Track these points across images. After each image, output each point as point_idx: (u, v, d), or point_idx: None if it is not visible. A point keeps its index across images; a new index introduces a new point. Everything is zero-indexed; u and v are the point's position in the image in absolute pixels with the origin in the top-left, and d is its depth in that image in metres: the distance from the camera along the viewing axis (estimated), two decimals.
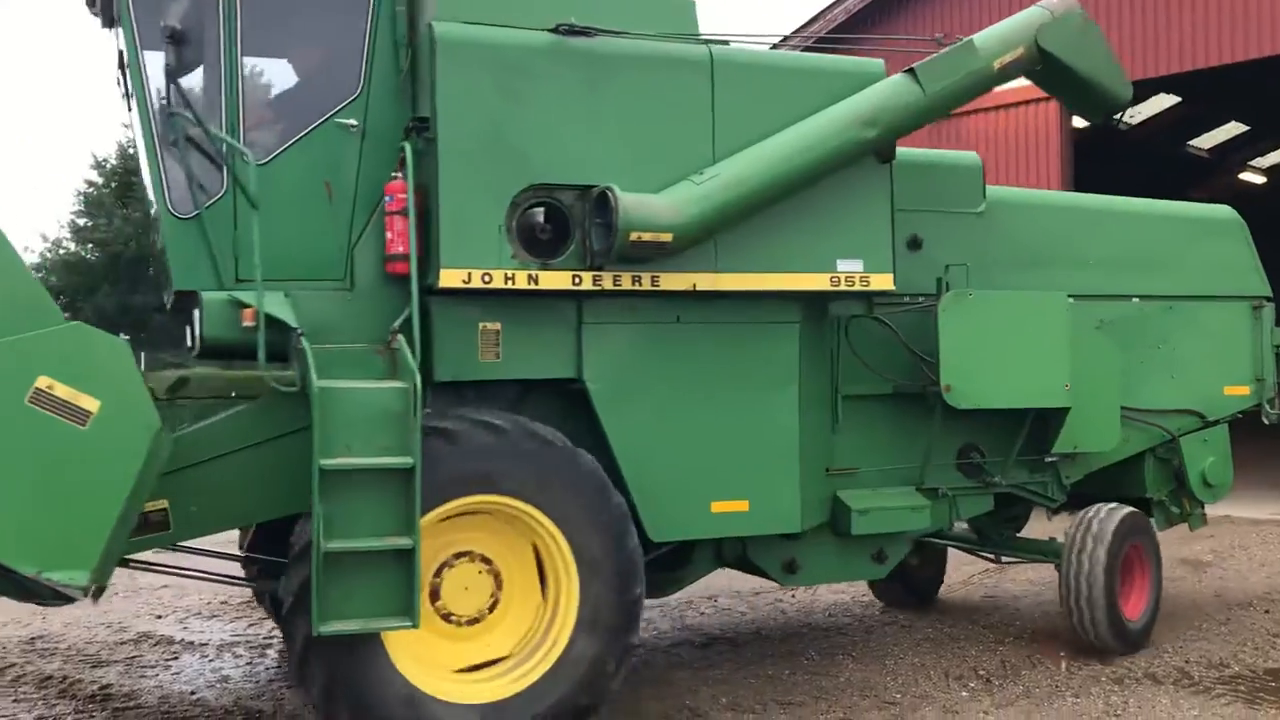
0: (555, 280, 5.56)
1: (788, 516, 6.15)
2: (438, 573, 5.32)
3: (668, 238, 5.49)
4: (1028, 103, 15.34)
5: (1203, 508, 8.07)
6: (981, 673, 6.82)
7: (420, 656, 5.23)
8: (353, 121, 5.60)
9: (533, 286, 5.51)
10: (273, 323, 5.21)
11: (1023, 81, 7.09)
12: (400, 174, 5.42)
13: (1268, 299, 8.18)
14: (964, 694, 6.42)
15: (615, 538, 5.44)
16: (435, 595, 5.32)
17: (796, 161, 5.80)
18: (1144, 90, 19.42)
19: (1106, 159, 19.74)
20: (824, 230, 6.03)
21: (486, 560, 5.43)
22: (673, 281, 5.74)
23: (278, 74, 6.03)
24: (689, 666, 7.11)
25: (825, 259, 6.02)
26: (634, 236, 5.37)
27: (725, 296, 5.92)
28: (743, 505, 6.02)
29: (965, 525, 7.78)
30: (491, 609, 5.44)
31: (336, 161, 5.62)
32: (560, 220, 5.58)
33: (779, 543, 6.51)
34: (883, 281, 6.16)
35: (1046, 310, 6.74)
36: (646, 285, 5.69)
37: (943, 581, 8.91)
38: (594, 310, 5.81)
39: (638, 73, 5.72)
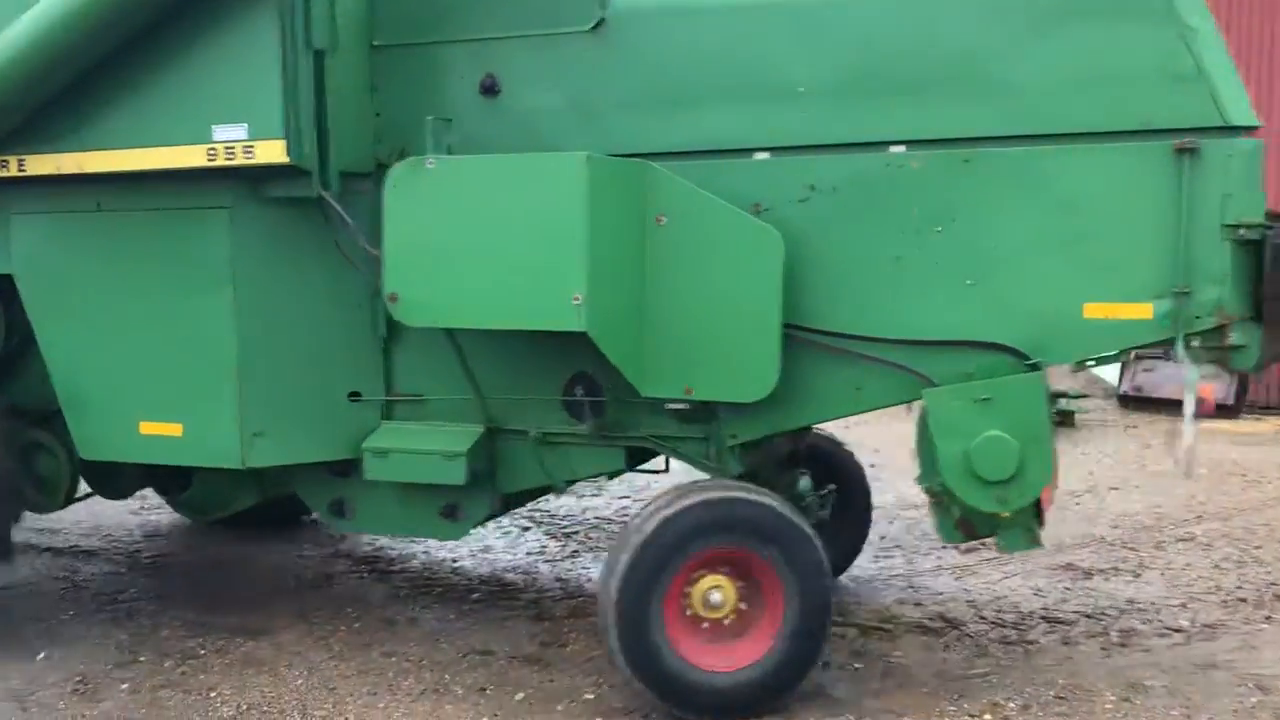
0: None
1: (225, 448, 4.98)
2: None
3: None
4: None
5: (1038, 519, 4.49)
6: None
7: None
8: None
9: None
10: None
11: None
12: None
13: (1221, 128, 4.17)
14: (1264, 625, 5.72)
15: None
16: None
17: (76, 4, 4.44)
18: None
19: None
20: (198, 88, 4.65)
21: None
22: (39, 165, 4.89)
23: None
24: (948, 571, 6.74)
25: (200, 126, 4.64)
26: None
27: (151, 178, 4.85)
28: (175, 429, 5.03)
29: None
30: None
31: None
32: None
33: (326, 479, 5.32)
34: (271, 151, 4.57)
35: (547, 183, 4.28)
36: (13, 171, 4.91)
37: (853, 557, 6.44)
38: (21, 199, 5.12)
39: None
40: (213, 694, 4.85)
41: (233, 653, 5.33)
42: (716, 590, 4.47)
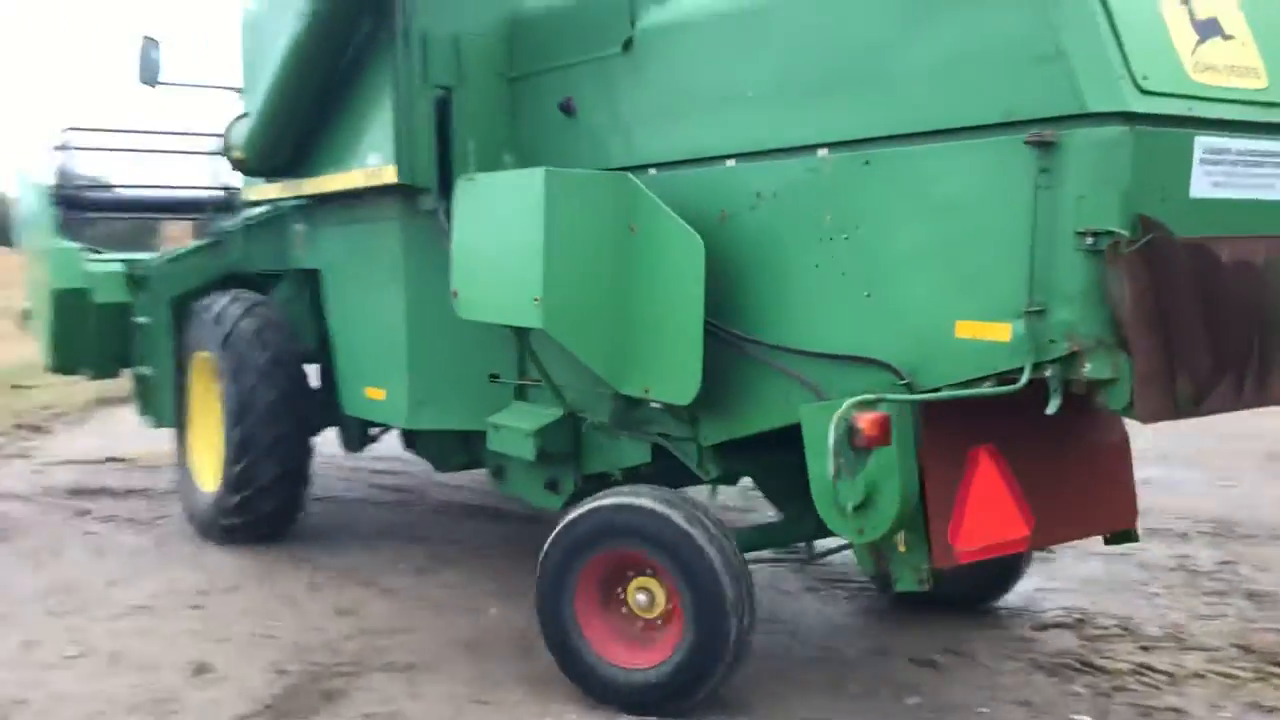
0: (264, 192, 7.04)
1: (400, 411, 6.13)
2: None
3: (240, 155, 6.62)
4: None
5: (925, 559, 4.05)
6: None
7: None
8: None
9: (254, 197, 7.29)
10: None
11: None
12: None
13: (1082, 116, 3.42)
14: None
15: None
16: None
17: (284, 59, 5.97)
18: None
19: None
20: (361, 123, 5.92)
21: None
22: (308, 187, 6.48)
23: None
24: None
25: (362, 154, 5.90)
26: (233, 155, 6.78)
27: (361, 197, 6.10)
28: (381, 393, 6.22)
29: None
30: None
31: None
32: None
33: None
34: (389, 174, 5.62)
35: (518, 195, 4.72)
36: (296, 192, 6.65)
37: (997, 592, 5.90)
38: (323, 213, 6.71)
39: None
40: None
41: None
42: (642, 592, 4.70)
